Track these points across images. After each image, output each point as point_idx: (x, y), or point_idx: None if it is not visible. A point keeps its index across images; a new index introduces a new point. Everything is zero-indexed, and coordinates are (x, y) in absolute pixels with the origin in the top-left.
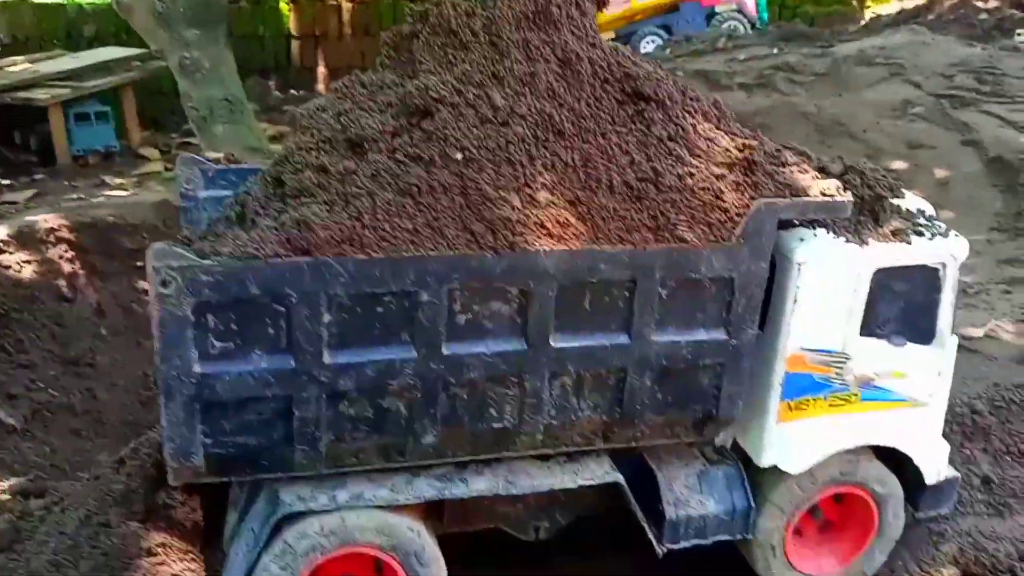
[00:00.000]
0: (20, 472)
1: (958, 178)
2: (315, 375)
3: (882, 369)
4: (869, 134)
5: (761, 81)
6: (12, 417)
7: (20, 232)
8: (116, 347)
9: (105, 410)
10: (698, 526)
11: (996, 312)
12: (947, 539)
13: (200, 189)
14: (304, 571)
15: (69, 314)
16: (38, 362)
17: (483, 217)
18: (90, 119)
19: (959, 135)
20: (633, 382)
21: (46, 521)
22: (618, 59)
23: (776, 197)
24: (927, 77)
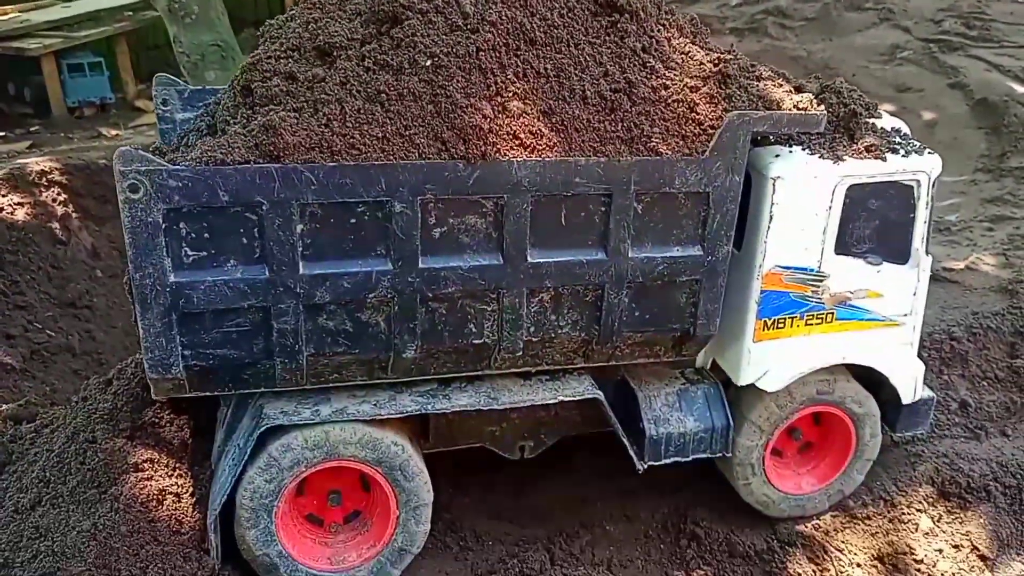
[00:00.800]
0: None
1: (944, 120)
2: (291, 286)
3: (858, 288)
4: (857, 78)
5: (752, 26)
6: (10, 357)
7: (11, 175)
8: (112, 289)
9: (104, 350)
10: (678, 444)
11: (978, 247)
12: (924, 460)
13: (177, 111)
14: (290, 484)
15: (64, 257)
16: (35, 304)
17: (454, 125)
18: (84, 70)
19: (946, 78)
20: (610, 299)
21: (35, 442)
22: None
23: (750, 109)
24: (916, 22)
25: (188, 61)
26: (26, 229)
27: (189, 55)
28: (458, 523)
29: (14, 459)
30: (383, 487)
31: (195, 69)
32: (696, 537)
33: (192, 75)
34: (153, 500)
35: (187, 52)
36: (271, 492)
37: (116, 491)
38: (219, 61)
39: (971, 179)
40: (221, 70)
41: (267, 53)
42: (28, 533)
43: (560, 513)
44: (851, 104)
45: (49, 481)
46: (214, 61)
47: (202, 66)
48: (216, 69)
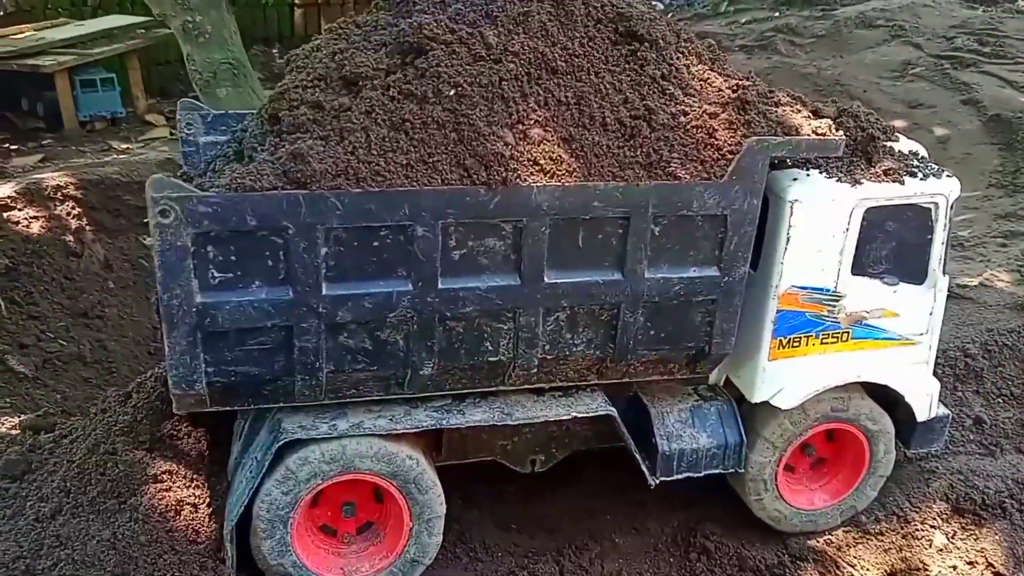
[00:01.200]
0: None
1: (957, 136)
2: (314, 306)
3: (874, 308)
4: (869, 94)
5: (762, 43)
6: (23, 365)
7: (28, 189)
8: (124, 300)
9: (115, 360)
10: (690, 459)
11: (992, 263)
12: (938, 476)
13: (200, 134)
14: (305, 497)
15: (77, 268)
16: (48, 313)
17: (476, 152)
18: (96, 86)
19: (959, 95)
20: (626, 318)
21: (55, 452)
22: (612, 0)
23: (769, 136)
24: (928, 39)
25: (200, 79)
26: (41, 242)
27: (202, 73)
28: (468, 534)
29: (33, 468)
30: (397, 499)
31: (207, 86)
32: (706, 551)
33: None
34: (171, 511)
35: (200, 70)
36: (287, 504)
37: (135, 502)
38: (231, 79)
39: (984, 195)
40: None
41: (294, 83)
42: (49, 542)
43: (569, 525)
44: (868, 128)
45: (70, 491)
46: (226, 79)
47: (214, 83)
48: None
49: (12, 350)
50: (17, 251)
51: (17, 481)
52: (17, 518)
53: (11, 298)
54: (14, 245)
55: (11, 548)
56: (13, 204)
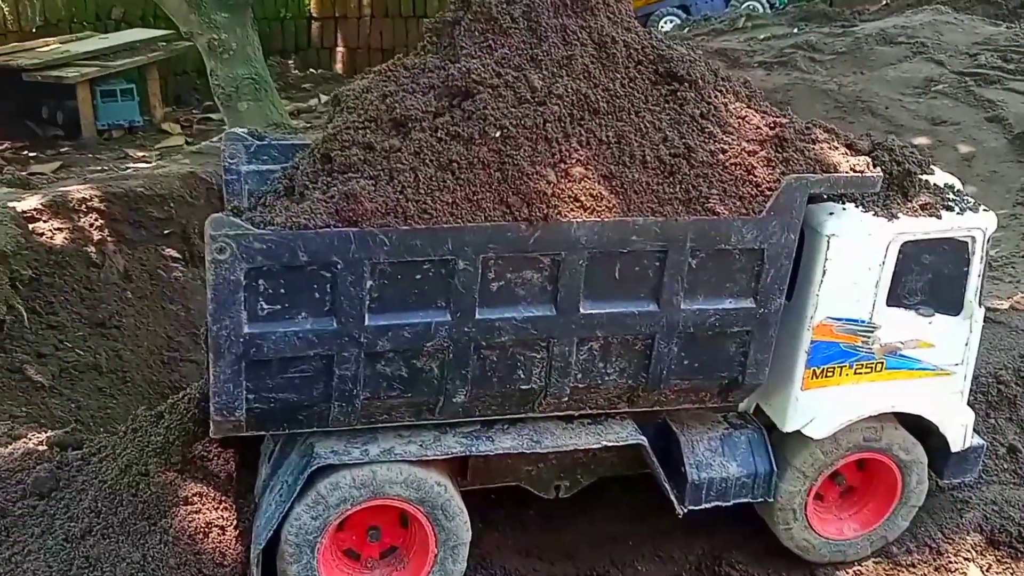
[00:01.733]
0: (48, 426)
1: (981, 154)
2: (355, 336)
3: (909, 339)
4: (891, 111)
5: (781, 59)
6: (41, 375)
7: (53, 201)
8: (141, 311)
9: (130, 370)
10: (720, 488)
11: (1021, 284)
12: (971, 507)
13: (243, 163)
14: (334, 521)
15: (97, 278)
16: (67, 323)
17: (519, 191)
18: (116, 96)
19: (983, 112)
20: (660, 348)
21: (83, 471)
22: (652, 42)
23: (806, 172)
24: (950, 55)
25: (223, 93)
26: (63, 252)
27: (224, 87)
28: (488, 559)
29: (61, 486)
30: (423, 525)
31: (229, 100)
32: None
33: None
34: (200, 533)
35: (223, 85)
36: (316, 529)
37: (166, 524)
38: (252, 93)
39: (1011, 214)
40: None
41: (346, 123)
42: (79, 563)
43: (591, 551)
44: (904, 162)
45: (100, 511)
46: (247, 93)
47: (236, 98)
48: (249, 100)
49: (30, 359)
50: (40, 262)
51: (45, 499)
52: (46, 537)
53: (32, 308)
54: (38, 256)
55: (41, 568)
56: (39, 216)
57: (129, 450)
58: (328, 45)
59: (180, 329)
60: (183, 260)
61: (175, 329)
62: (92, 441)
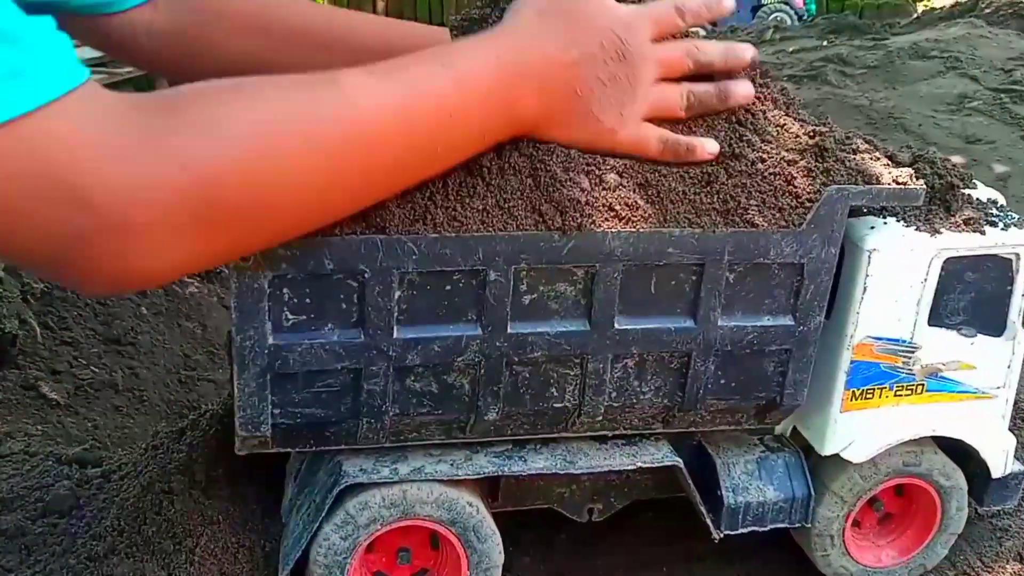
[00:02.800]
0: (64, 445)
1: (1018, 174)
2: (384, 349)
3: (950, 360)
4: (924, 128)
5: (811, 73)
6: (56, 392)
7: None
8: (156, 327)
9: (146, 388)
10: (756, 513)
11: None
12: (1011, 535)
13: None
14: (364, 542)
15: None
16: (81, 340)
17: (552, 198)
18: None
19: (1019, 130)
20: (697, 366)
21: (104, 489)
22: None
23: (848, 184)
24: (985, 71)
25: None
26: None
27: None
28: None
29: (81, 504)
30: (455, 547)
31: None
32: None
33: None
34: (228, 553)
35: None
36: (346, 549)
37: (191, 543)
38: None
39: None
40: None
41: None
42: None
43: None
44: (946, 175)
45: (123, 530)
46: None
47: None
48: None
49: (45, 376)
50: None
51: (65, 517)
52: (68, 556)
53: (45, 323)
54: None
55: None
56: None
57: (151, 468)
58: None
59: (197, 347)
60: (198, 275)
61: (192, 347)
62: (112, 459)
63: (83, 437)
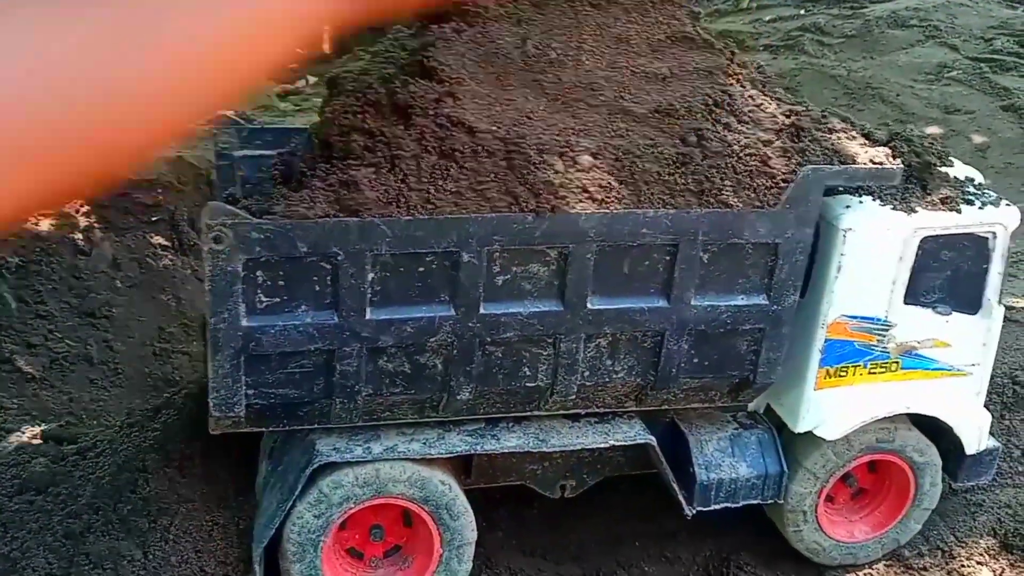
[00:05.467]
0: (40, 419)
1: (996, 144)
2: (357, 331)
3: (925, 338)
4: (902, 98)
5: (788, 42)
6: (31, 366)
7: None
8: (132, 300)
9: (121, 361)
10: (729, 489)
11: None
12: (985, 510)
13: (235, 149)
14: (337, 520)
15: (86, 267)
16: (56, 313)
17: (526, 180)
18: None
19: (998, 100)
20: (670, 346)
21: (80, 466)
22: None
23: (823, 164)
24: (965, 40)
25: None
26: (50, 239)
27: None
28: (492, 560)
29: (57, 481)
30: (428, 525)
31: None
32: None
33: None
34: (202, 531)
35: None
36: (319, 527)
37: (167, 521)
38: None
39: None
40: None
41: (344, 108)
42: (80, 560)
43: (597, 552)
44: (923, 153)
45: (99, 508)
46: None
47: None
48: None
49: (20, 350)
50: (27, 248)
51: (42, 494)
52: (44, 533)
53: (20, 296)
54: (24, 243)
55: (41, 564)
56: None
57: (126, 446)
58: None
59: (171, 320)
60: (172, 248)
61: (166, 320)
62: (88, 435)
63: (60, 411)
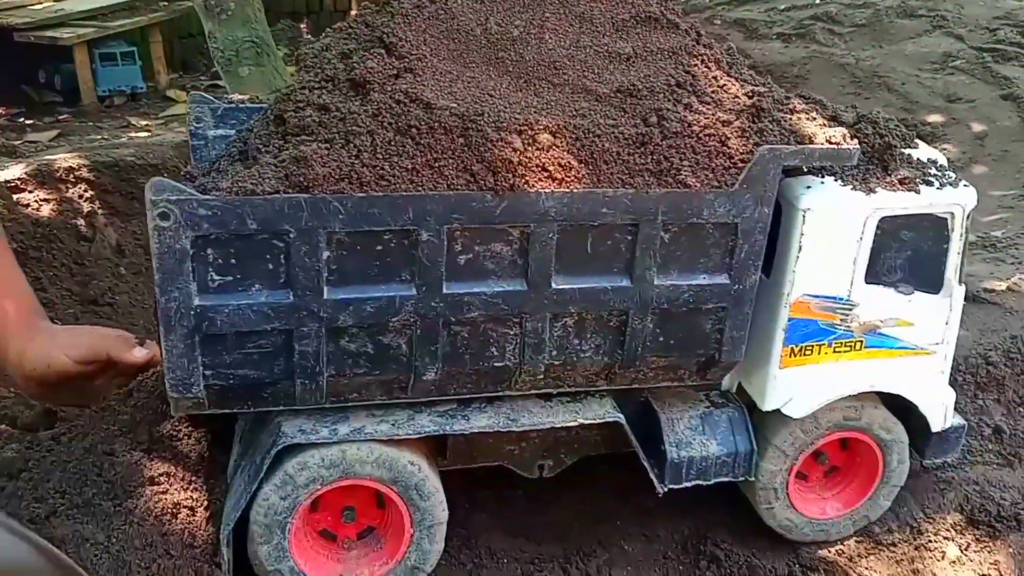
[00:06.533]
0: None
1: (995, 132)
2: (314, 310)
3: (888, 317)
4: (907, 87)
5: (800, 31)
6: None
7: (38, 171)
8: (136, 287)
9: None
10: (700, 467)
11: (1023, 267)
12: (953, 487)
13: (210, 128)
14: (304, 502)
15: (88, 253)
16: (57, 300)
17: (483, 158)
18: (116, 59)
19: (998, 89)
20: (635, 324)
21: (53, 451)
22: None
23: (781, 144)
24: (970, 30)
25: (222, 56)
26: (51, 225)
27: (223, 51)
28: (473, 540)
29: (30, 466)
30: (398, 506)
31: (229, 64)
32: (716, 559)
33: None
34: (168, 514)
35: (221, 48)
36: (286, 509)
37: (131, 504)
38: (253, 57)
39: (1020, 194)
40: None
41: (302, 84)
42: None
43: (577, 531)
44: (887, 135)
45: (65, 492)
46: (248, 57)
47: (236, 62)
48: (250, 65)
49: None
50: (27, 235)
51: (14, 479)
52: (12, 518)
53: None
54: (24, 229)
55: None
56: (23, 186)
57: (97, 430)
58: (342, 8)
59: None
60: None
61: None
62: (64, 421)
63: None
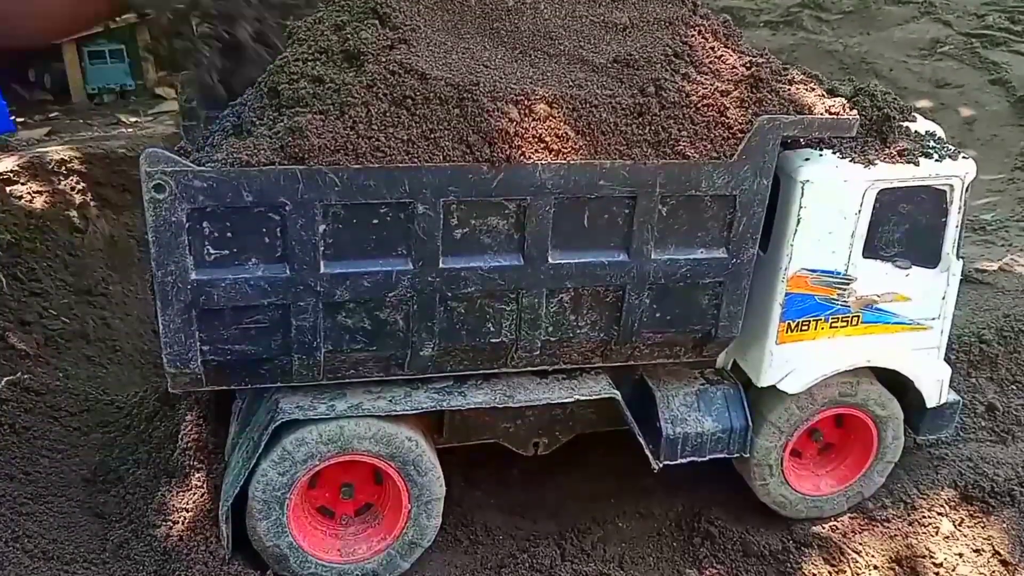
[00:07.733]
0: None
1: (983, 117)
2: (311, 285)
3: (885, 292)
4: (895, 73)
5: (787, 18)
6: (25, 343)
7: (30, 163)
8: (128, 277)
9: (119, 338)
10: (695, 443)
11: (1014, 248)
12: (947, 463)
13: (201, 108)
14: (302, 478)
15: (81, 244)
16: (51, 291)
17: (480, 129)
18: (104, 57)
19: (987, 74)
20: (631, 300)
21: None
22: None
23: (780, 114)
24: (959, 16)
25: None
26: (44, 217)
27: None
28: (469, 517)
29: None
30: (396, 481)
31: None
32: (710, 536)
33: None
34: (149, 492)
35: None
36: (284, 485)
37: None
38: None
39: (1009, 178)
40: None
41: (295, 56)
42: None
43: (572, 509)
44: (884, 107)
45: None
46: None
47: None
48: None
49: (13, 327)
50: (20, 226)
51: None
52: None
53: (13, 274)
54: (16, 220)
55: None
56: (16, 178)
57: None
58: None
59: None
60: None
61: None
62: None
63: (56, 387)
